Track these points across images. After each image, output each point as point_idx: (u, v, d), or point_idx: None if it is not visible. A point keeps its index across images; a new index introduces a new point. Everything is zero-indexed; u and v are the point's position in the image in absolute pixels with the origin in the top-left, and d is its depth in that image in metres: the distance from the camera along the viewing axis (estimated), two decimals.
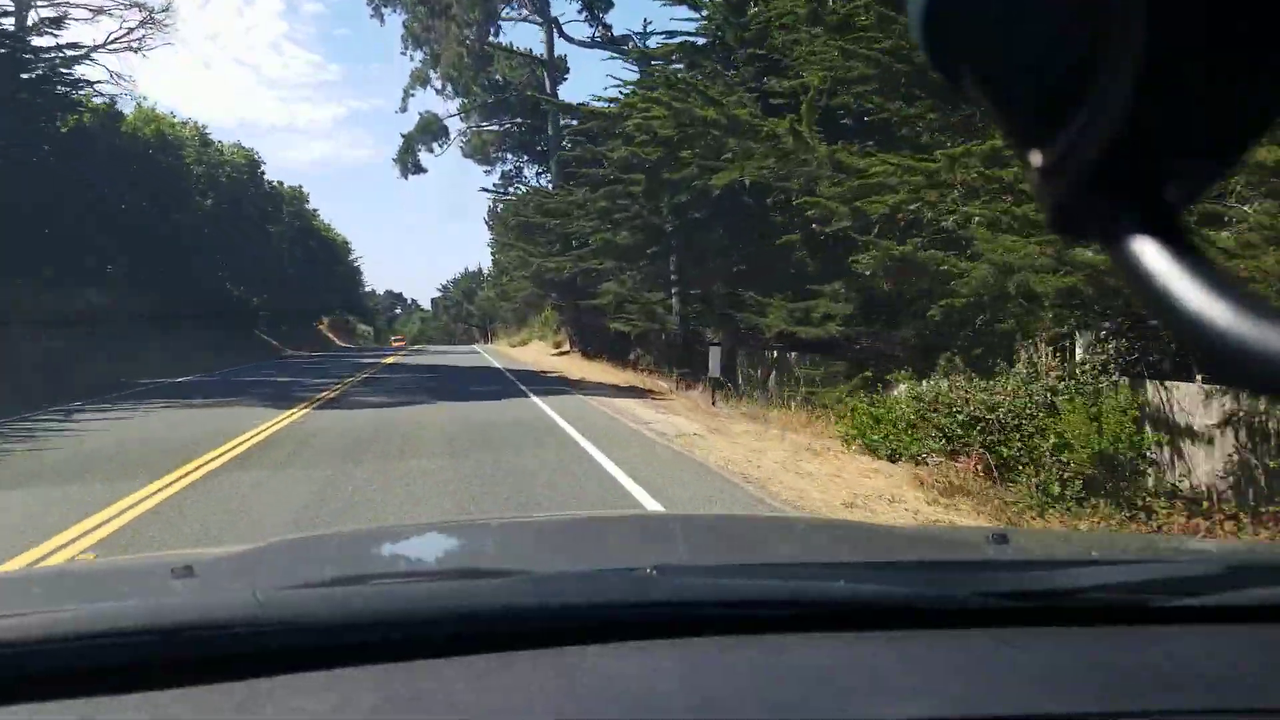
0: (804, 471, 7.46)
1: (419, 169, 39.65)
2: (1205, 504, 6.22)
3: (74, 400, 13.70)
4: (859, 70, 9.62)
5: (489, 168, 40.01)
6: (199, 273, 32.77)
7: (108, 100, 27.04)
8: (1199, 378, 6.78)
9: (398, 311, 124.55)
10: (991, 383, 7.63)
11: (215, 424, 10.35)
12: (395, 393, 15.49)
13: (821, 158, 9.97)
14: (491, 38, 34.70)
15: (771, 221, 13.79)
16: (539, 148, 37.16)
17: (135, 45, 25.94)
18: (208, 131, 38.81)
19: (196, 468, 7.21)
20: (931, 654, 0.94)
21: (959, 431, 7.38)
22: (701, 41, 17.01)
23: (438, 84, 36.43)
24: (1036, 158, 0.33)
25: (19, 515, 5.57)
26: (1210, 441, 6.70)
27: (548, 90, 33.48)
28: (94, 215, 24.51)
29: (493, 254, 52.06)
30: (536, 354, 35.73)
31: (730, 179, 12.63)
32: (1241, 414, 6.43)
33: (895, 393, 9.35)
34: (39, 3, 23.71)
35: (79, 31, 78.28)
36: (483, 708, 0.82)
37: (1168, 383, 7.06)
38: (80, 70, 23.41)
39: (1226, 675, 0.92)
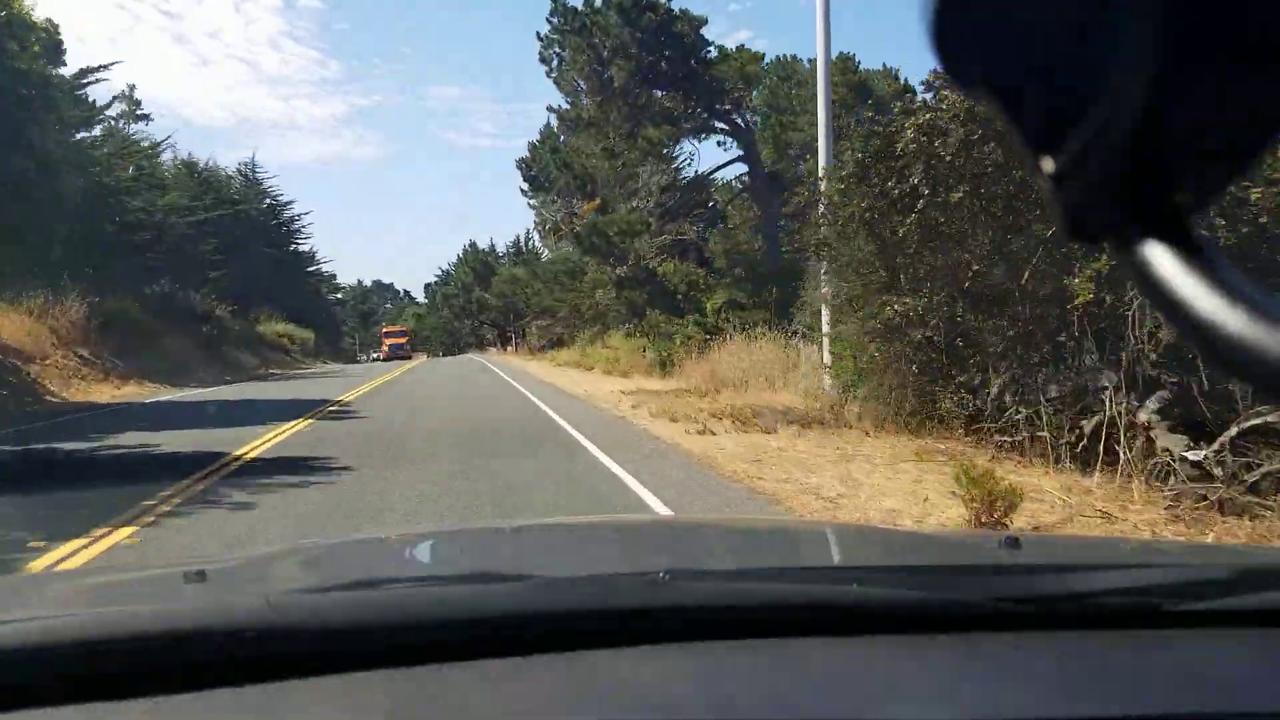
0: None
1: None
2: None
3: None
4: None
5: None
6: None
7: None
8: None
9: (387, 306, 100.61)
10: None
11: None
12: None
13: None
14: None
15: None
16: None
17: None
18: None
19: None
20: (943, 658, 0.93)
21: None
22: None
23: None
24: (1048, 164, 0.32)
25: None
26: None
27: None
28: None
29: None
30: None
31: None
32: None
33: None
34: None
35: None
36: (496, 712, 0.81)
37: None
38: None
39: (1237, 678, 0.91)
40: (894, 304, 8.12)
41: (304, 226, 55.03)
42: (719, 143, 24.78)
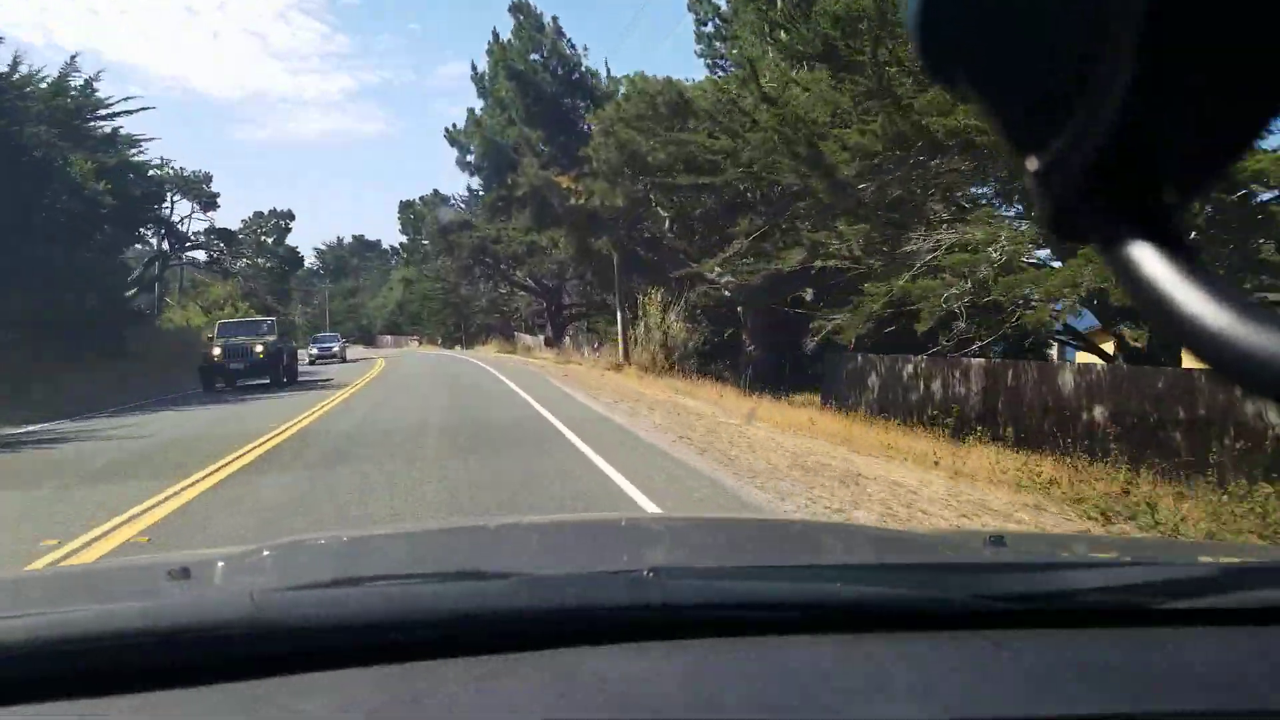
0: None
1: None
2: None
3: None
4: None
5: None
6: None
7: None
8: None
9: (372, 270, 75.59)
10: None
11: None
12: None
13: None
14: None
15: None
16: None
17: None
18: None
19: None
20: (929, 656, 0.93)
21: None
22: None
23: None
24: (1032, 161, 0.32)
25: None
26: None
27: None
28: None
29: None
30: None
31: None
32: None
33: None
34: None
35: None
36: (480, 709, 0.81)
37: None
38: None
39: (1224, 677, 0.91)
40: None
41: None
42: None
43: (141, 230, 34.70)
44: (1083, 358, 13.74)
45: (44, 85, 23.44)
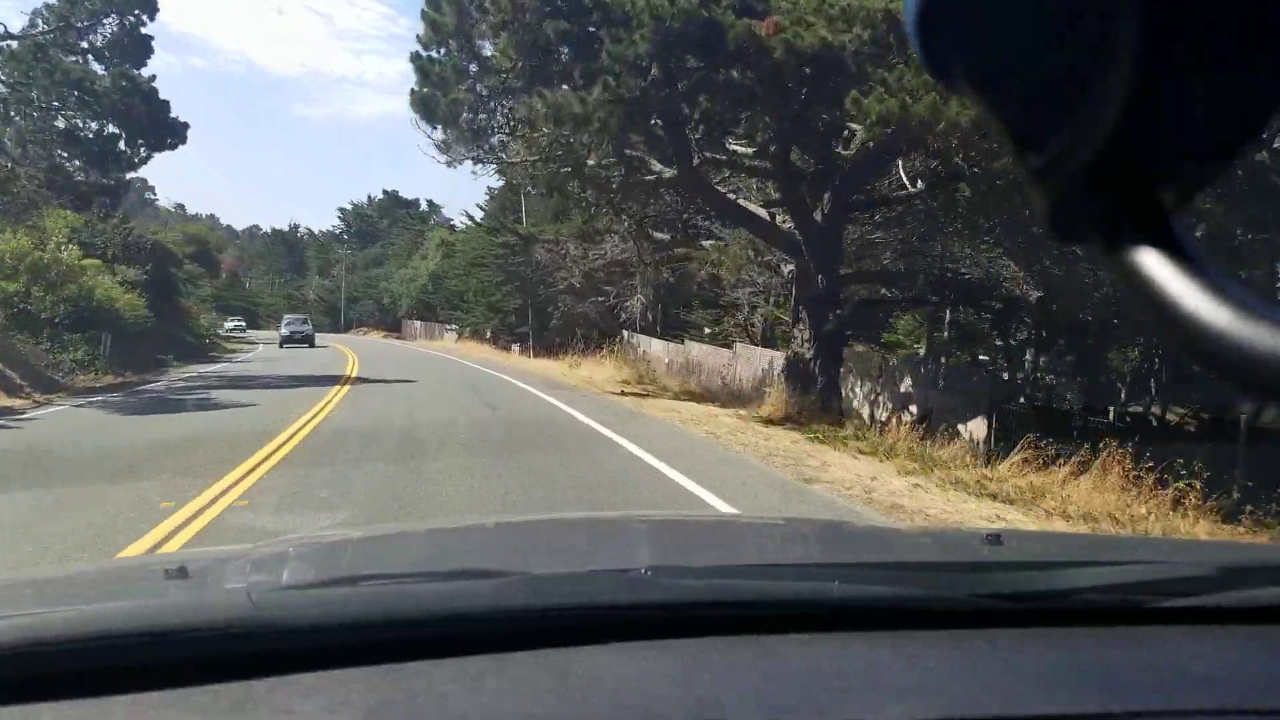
0: None
1: None
2: None
3: None
4: None
5: None
6: None
7: None
8: None
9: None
10: None
11: None
12: None
13: None
14: None
15: None
16: None
17: None
18: None
19: None
20: (927, 655, 0.93)
21: None
22: None
23: None
24: (1031, 160, 0.32)
25: None
26: None
27: None
28: None
29: None
30: None
31: None
32: None
33: None
34: None
35: None
36: (476, 709, 0.82)
37: None
38: None
39: (1221, 675, 0.92)
40: None
41: None
42: None
43: None
44: None
45: None
